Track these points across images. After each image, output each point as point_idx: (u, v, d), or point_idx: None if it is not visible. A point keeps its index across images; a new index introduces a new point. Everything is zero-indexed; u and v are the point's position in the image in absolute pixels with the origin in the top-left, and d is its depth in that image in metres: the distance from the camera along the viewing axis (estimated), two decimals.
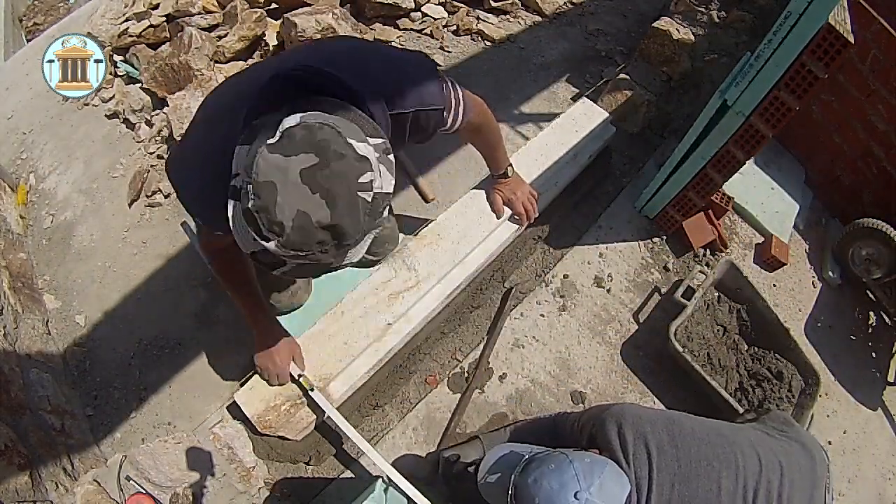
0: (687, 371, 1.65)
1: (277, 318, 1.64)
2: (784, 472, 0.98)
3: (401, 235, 1.78)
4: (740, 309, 1.83)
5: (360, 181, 0.69)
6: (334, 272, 0.78)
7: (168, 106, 2.05)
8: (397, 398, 1.60)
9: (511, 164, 1.54)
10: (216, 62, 2.11)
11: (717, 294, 1.86)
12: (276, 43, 2.17)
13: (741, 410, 1.56)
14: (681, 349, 1.63)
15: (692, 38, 2.23)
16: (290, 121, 0.69)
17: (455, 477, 1.40)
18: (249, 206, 0.69)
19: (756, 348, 1.78)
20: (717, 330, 1.80)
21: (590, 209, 2.02)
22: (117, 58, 2.22)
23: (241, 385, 1.44)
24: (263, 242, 0.70)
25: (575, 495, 0.83)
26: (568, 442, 1.15)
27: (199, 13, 2.22)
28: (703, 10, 2.43)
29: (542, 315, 1.76)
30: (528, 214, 1.57)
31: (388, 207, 0.77)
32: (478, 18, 2.39)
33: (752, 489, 0.95)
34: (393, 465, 1.47)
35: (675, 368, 1.70)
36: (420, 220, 1.85)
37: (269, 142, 0.68)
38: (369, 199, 0.70)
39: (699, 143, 1.64)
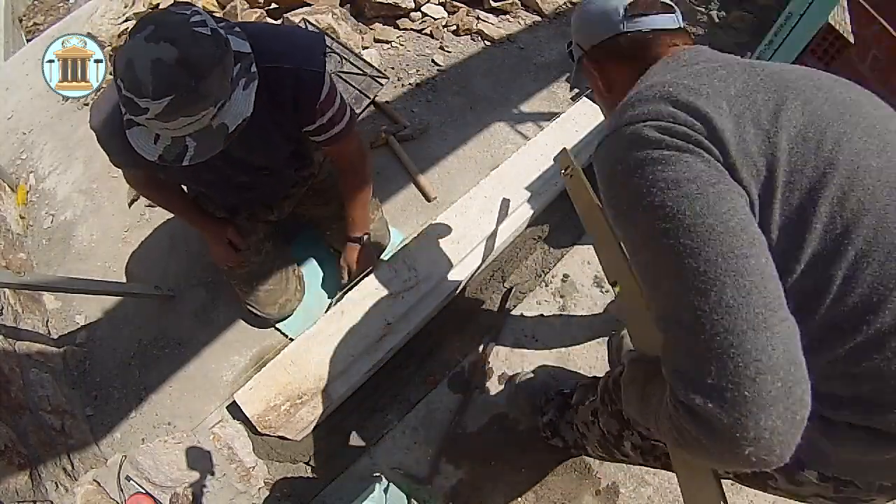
0: None
1: (275, 326, 1.66)
2: None
3: (396, 233, 1.78)
4: None
5: (192, 21, 0.83)
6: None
7: None
8: (397, 398, 1.60)
9: (369, 234, 1.48)
10: None
11: None
12: None
13: None
14: None
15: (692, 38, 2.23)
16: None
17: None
18: (121, 91, 0.81)
19: None
20: None
21: None
22: None
23: (241, 385, 1.44)
24: (142, 117, 0.82)
25: None
26: None
27: None
28: (703, 10, 2.43)
29: (542, 315, 1.75)
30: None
31: (237, 58, 0.91)
32: (478, 18, 2.39)
33: None
34: (393, 464, 1.47)
35: None
36: (420, 219, 1.85)
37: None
38: (209, 33, 0.83)
39: None
